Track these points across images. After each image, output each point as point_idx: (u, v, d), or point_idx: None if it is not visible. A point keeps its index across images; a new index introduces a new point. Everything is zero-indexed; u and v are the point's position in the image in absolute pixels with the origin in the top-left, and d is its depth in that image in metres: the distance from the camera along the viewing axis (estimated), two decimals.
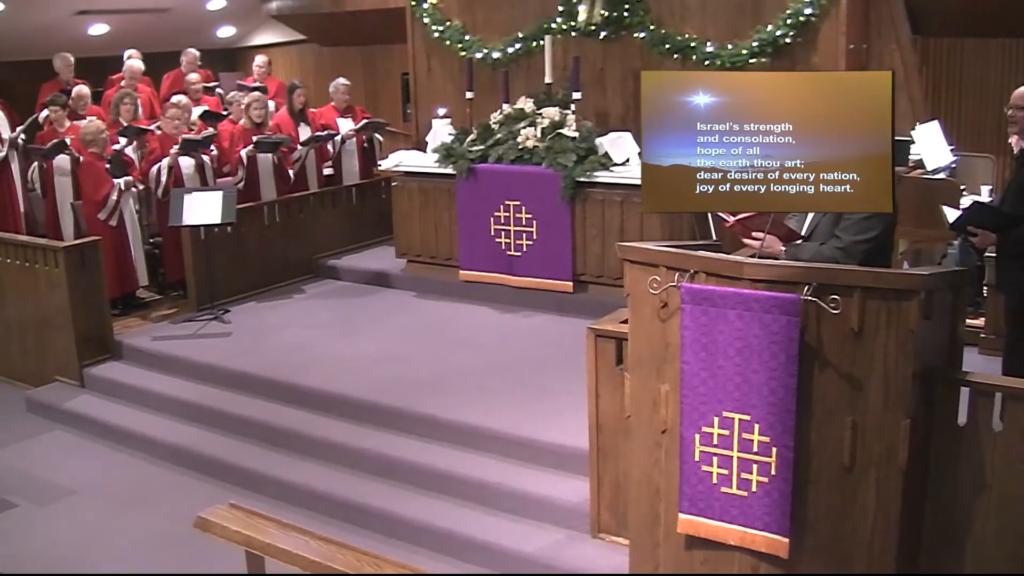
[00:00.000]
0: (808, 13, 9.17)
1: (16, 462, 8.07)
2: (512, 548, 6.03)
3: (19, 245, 9.52)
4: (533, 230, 9.42)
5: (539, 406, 7.14)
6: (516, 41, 10.98)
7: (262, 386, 8.18)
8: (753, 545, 4.54)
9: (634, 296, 4.91)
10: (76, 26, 13.57)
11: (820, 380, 4.37)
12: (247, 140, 11.04)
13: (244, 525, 5.41)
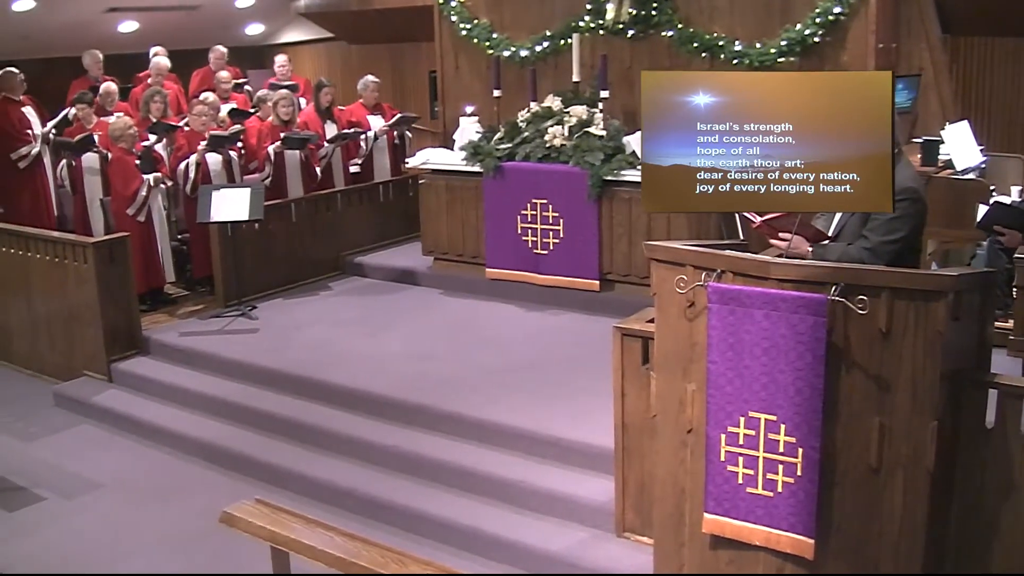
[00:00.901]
0: (837, 12, 9.12)
1: (44, 455, 8.13)
2: (537, 546, 6.04)
3: (48, 241, 9.59)
4: (560, 228, 9.41)
5: (565, 405, 7.13)
6: (544, 39, 10.96)
7: (288, 382, 8.21)
8: (778, 546, 4.53)
9: (661, 295, 4.90)
10: (106, 23, 13.64)
11: (847, 381, 4.35)
12: (275, 137, 11.07)
13: (269, 521, 5.44)
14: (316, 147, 11.45)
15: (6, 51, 12.56)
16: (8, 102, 11.82)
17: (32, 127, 11.90)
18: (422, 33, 12.83)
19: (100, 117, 11.47)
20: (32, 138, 11.86)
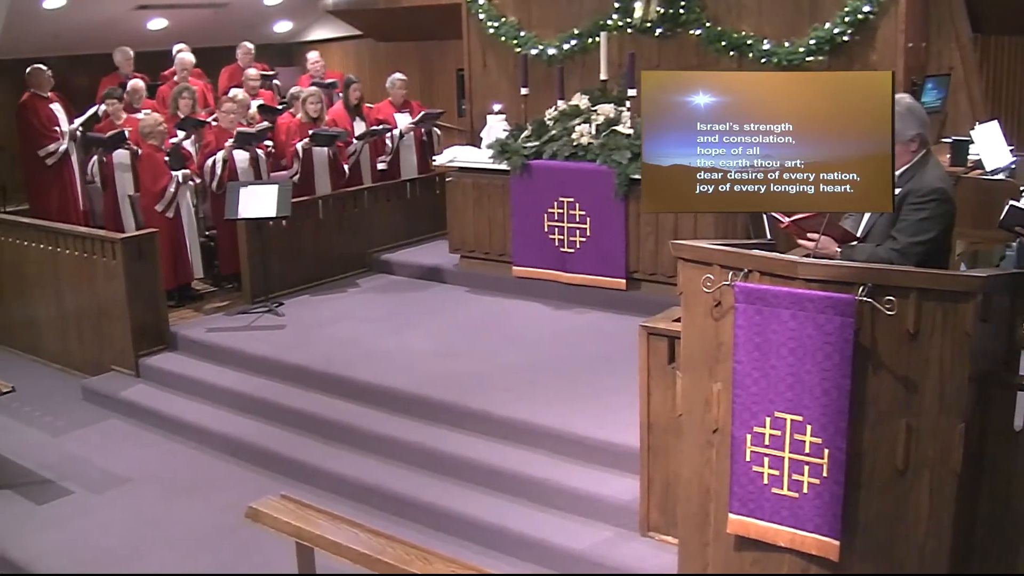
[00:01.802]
0: (867, 11, 9.08)
1: (73, 449, 8.19)
2: (561, 545, 6.03)
3: (78, 236, 9.66)
4: (587, 227, 9.40)
5: (590, 403, 7.12)
6: (571, 37, 10.96)
7: (315, 379, 8.24)
8: (803, 547, 4.51)
9: (687, 294, 4.89)
10: (135, 20, 13.72)
11: (874, 382, 4.33)
12: (303, 134, 11.11)
13: (294, 516, 5.46)
14: (344, 144, 11.48)
15: (37, 48, 12.64)
16: (36, 99, 11.91)
17: (60, 124, 11.98)
18: (450, 31, 12.84)
19: (128, 114, 11.53)
20: (59, 135, 11.94)
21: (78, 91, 13.01)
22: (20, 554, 6.65)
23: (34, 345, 10.35)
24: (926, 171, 5.23)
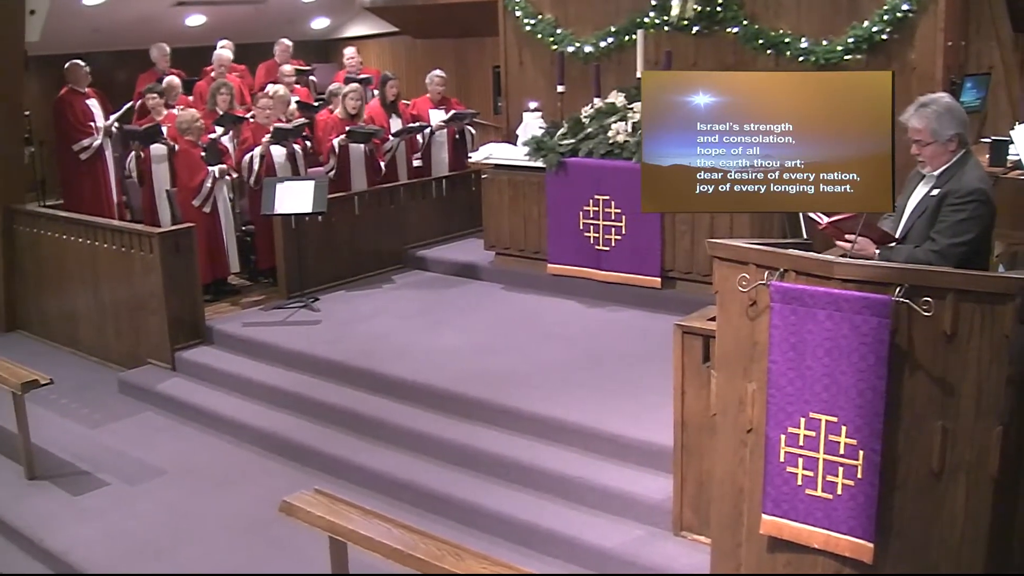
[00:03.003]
0: (905, 9, 9.01)
1: (108, 441, 8.25)
2: (593, 543, 6.03)
3: (115, 230, 9.73)
4: (622, 225, 9.38)
5: (624, 401, 7.11)
6: (608, 35, 10.95)
7: (349, 374, 8.27)
8: (837, 549, 4.49)
9: (723, 293, 4.88)
10: (174, 17, 13.81)
11: (910, 383, 4.30)
12: (341, 130, 11.14)
13: (328, 511, 5.49)
14: (381, 141, 11.50)
15: (77, 44, 12.75)
16: (73, 94, 12.00)
17: (95, 119, 12.06)
18: (486, 28, 12.85)
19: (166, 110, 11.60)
20: (94, 130, 12.01)
21: (118, 87, 13.11)
22: (56, 544, 6.72)
23: (72, 338, 10.44)
24: (965, 171, 5.19)
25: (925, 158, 5.28)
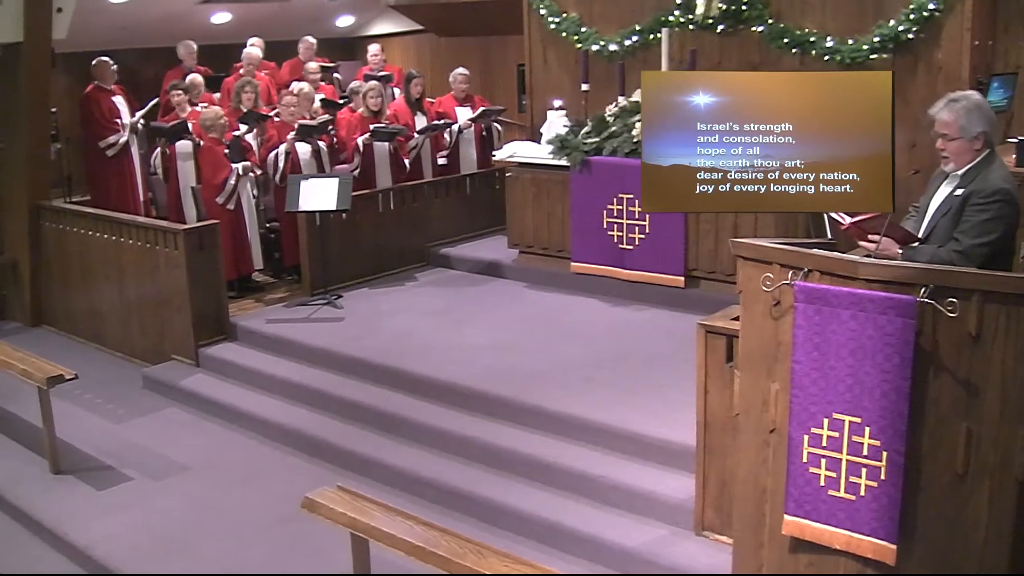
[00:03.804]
0: (932, 8, 8.95)
1: (132, 437, 8.30)
2: (615, 542, 6.02)
3: (141, 227, 9.78)
4: (646, 224, 9.37)
5: (647, 401, 7.10)
6: (633, 33, 10.92)
7: (372, 371, 8.28)
8: (859, 550, 4.47)
9: (746, 293, 4.86)
10: (199, 14, 13.86)
11: (934, 385, 4.27)
12: (364, 128, 11.16)
13: (350, 507, 5.50)
14: (405, 139, 11.52)
15: (104, 41, 12.81)
16: (99, 91, 12.08)
17: (121, 116, 12.13)
18: (511, 26, 12.84)
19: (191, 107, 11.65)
20: (120, 127, 12.08)
21: (144, 84, 13.17)
22: (80, 538, 6.76)
23: (97, 333, 10.50)
24: (990, 171, 5.16)
25: (949, 154, 5.24)
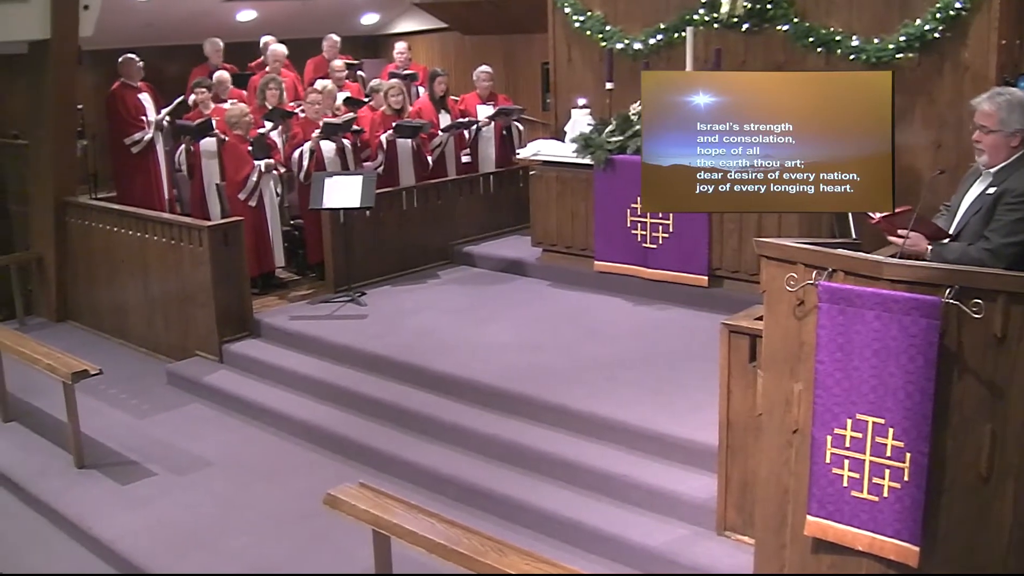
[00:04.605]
0: (959, 7, 8.89)
1: (156, 432, 8.34)
2: (636, 541, 6.01)
3: (166, 223, 9.82)
4: (669, 223, 9.35)
5: (669, 400, 7.09)
6: (657, 32, 10.89)
7: (395, 368, 8.30)
8: (882, 552, 4.45)
9: (770, 293, 4.85)
10: (225, 12, 13.89)
11: (959, 386, 4.25)
12: (387, 126, 11.18)
13: (372, 504, 5.51)
14: (428, 136, 11.54)
15: (130, 38, 12.86)
16: (126, 88, 12.14)
17: (147, 113, 12.20)
18: (535, 24, 12.82)
19: (216, 104, 11.69)
20: (146, 124, 12.14)
21: (170, 81, 13.22)
22: (104, 532, 6.80)
23: (122, 329, 10.55)
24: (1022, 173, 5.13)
25: (984, 147, 5.20)
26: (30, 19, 10.16)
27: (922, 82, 8.96)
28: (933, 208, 5.95)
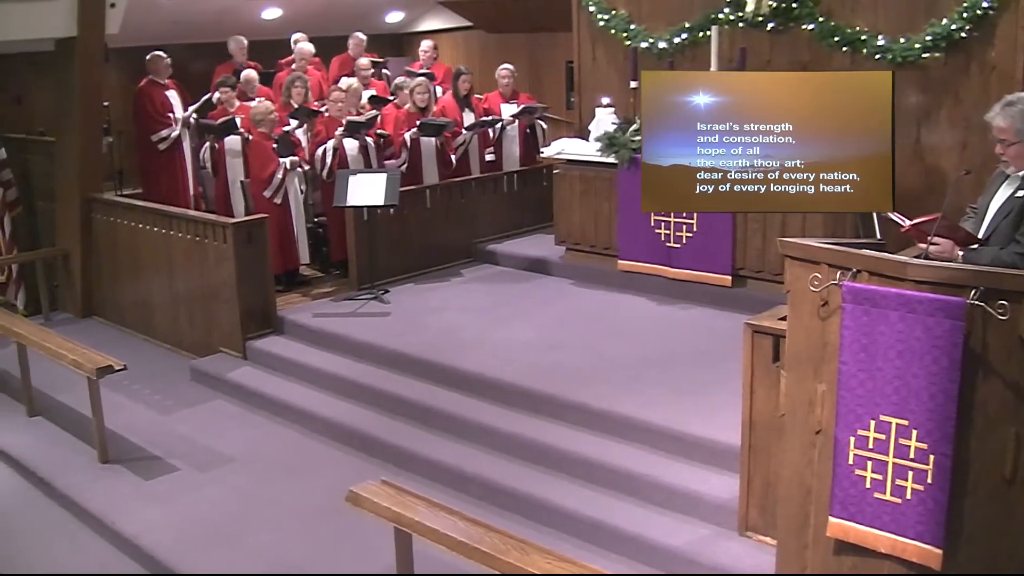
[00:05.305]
0: (985, 6, 8.82)
1: (180, 428, 8.38)
2: (658, 541, 6.01)
3: (190, 220, 9.86)
4: (693, 222, 9.32)
5: (692, 400, 7.08)
6: (682, 31, 10.86)
7: (417, 366, 8.31)
8: (904, 554, 4.43)
9: (794, 293, 4.84)
10: (250, 10, 13.92)
11: (983, 388, 4.23)
12: (411, 124, 11.19)
13: (394, 502, 5.53)
14: (452, 135, 11.54)
15: (156, 36, 12.91)
16: (153, 85, 12.19)
17: (174, 110, 12.24)
18: (560, 23, 12.81)
19: (242, 102, 11.73)
20: (173, 121, 12.18)
21: (195, 79, 13.25)
22: (128, 527, 6.84)
23: (146, 325, 10.61)
24: None
25: (1009, 158, 5.19)
26: (57, 17, 10.23)
27: (948, 82, 8.91)
28: (959, 209, 5.91)
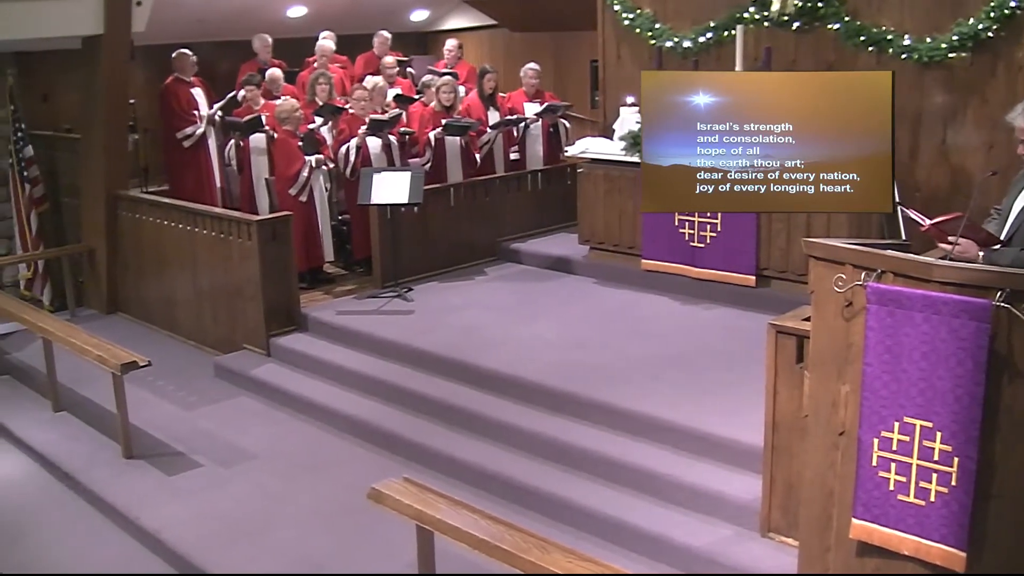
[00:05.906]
0: (1013, 6, 8.76)
1: (203, 424, 8.42)
2: (680, 541, 6.00)
3: (215, 217, 9.90)
4: (718, 222, 9.30)
5: (715, 400, 7.07)
6: (707, 30, 10.83)
7: (440, 364, 8.32)
8: (928, 557, 4.41)
9: (818, 293, 4.82)
10: (275, 8, 13.95)
11: (1009, 390, 4.20)
12: (436, 123, 11.20)
13: (416, 499, 5.54)
14: (477, 134, 11.55)
15: (182, 33, 12.95)
16: (179, 83, 12.23)
17: (199, 108, 12.27)
18: (584, 22, 12.79)
19: (267, 100, 11.76)
20: (198, 119, 12.22)
21: (220, 76, 13.30)
22: (151, 522, 6.88)
23: (170, 322, 10.66)
24: None
25: None
26: (84, 15, 10.29)
27: (974, 82, 8.85)
28: (984, 211, 5.88)
